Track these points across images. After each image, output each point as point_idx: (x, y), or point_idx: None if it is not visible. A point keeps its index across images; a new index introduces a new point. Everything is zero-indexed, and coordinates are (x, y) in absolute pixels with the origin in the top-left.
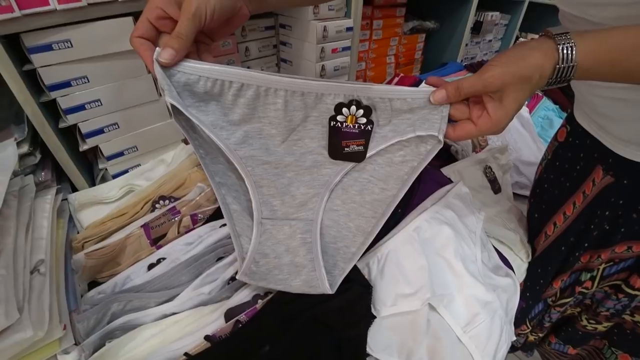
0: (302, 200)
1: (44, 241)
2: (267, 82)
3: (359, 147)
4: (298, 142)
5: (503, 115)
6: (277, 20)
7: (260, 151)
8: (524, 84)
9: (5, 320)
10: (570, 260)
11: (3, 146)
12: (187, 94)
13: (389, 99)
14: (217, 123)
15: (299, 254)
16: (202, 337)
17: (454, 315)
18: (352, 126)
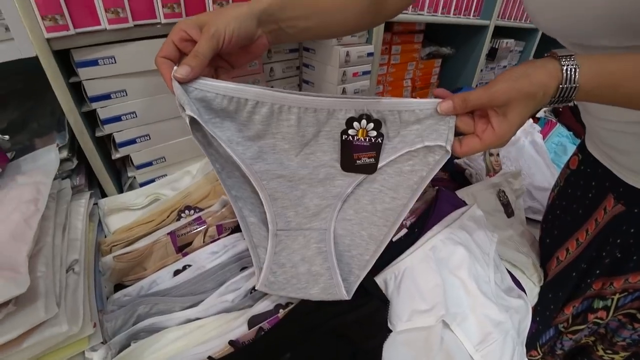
0: (315, 210)
1: (78, 242)
2: (281, 100)
3: (370, 160)
4: (311, 155)
5: (507, 129)
6: (302, 44)
7: (275, 165)
8: (529, 100)
9: (45, 314)
10: (582, 287)
11: (47, 151)
12: (204, 110)
13: (397, 111)
14: (233, 139)
15: (315, 262)
16: (226, 342)
17: (466, 334)
18: (363, 139)
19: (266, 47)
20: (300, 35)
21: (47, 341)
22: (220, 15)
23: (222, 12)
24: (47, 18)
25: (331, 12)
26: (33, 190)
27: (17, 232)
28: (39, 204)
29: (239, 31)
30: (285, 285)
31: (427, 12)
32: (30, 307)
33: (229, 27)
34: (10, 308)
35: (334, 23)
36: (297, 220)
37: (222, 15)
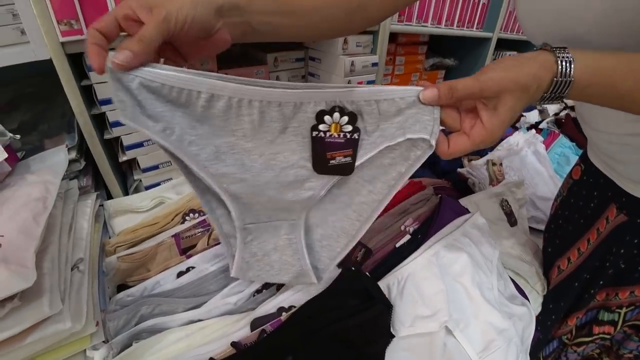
0: (286, 207)
1: (83, 241)
2: (240, 93)
3: (346, 159)
4: (277, 155)
5: (498, 125)
6: (308, 53)
7: (235, 168)
8: (522, 92)
9: (49, 310)
10: (586, 298)
11: (56, 151)
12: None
13: (375, 100)
14: (185, 137)
15: (286, 252)
16: (228, 344)
17: (469, 340)
18: (337, 135)
19: (227, 43)
20: (274, 33)
21: (49, 338)
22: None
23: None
24: (62, 22)
25: (308, 12)
26: (42, 189)
27: (25, 229)
28: (47, 203)
29: (194, 19)
30: (258, 272)
31: (430, 23)
32: (35, 302)
33: (181, 12)
34: (15, 302)
35: (311, 24)
36: (267, 214)
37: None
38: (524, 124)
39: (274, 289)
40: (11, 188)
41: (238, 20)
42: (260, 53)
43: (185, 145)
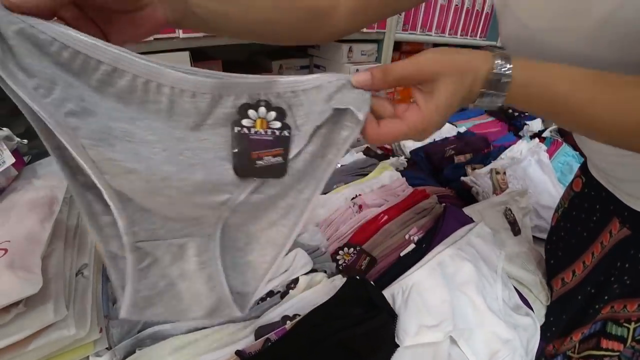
0: (193, 215)
1: (88, 246)
2: (149, 73)
3: (277, 159)
4: (186, 152)
5: (433, 109)
6: (312, 61)
7: (124, 155)
8: (459, 77)
9: (54, 316)
10: (590, 313)
11: None
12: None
13: (302, 90)
14: (66, 104)
15: (197, 280)
16: (232, 352)
17: (474, 351)
18: (264, 132)
19: (160, 23)
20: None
21: (53, 344)
22: None
23: None
24: None
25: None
26: (48, 193)
27: (31, 233)
28: (54, 207)
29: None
30: (161, 309)
31: (434, 32)
32: (39, 308)
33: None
34: (20, 308)
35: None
36: (167, 227)
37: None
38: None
39: (277, 297)
40: (18, 192)
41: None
42: (265, 60)
43: (63, 114)
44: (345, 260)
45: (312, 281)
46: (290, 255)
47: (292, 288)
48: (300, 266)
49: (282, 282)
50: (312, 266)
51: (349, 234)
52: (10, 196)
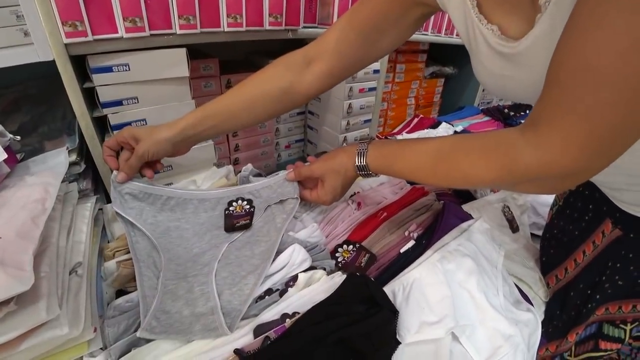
0: (201, 262)
1: (82, 245)
2: (184, 195)
3: (246, 221)
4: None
5: (323, 193)
6: None
7: (176, 239)
8: (335, 174)
9: (46, 315)
10: (584, 313)
11: (57, 153)
12: (130, 198)
13: (260, 189)
14: (148, 219)
15: (198, 304)
16: (230, 351)
17: (476, 347)
18: (240, 211)
19: (185, 152)
20: (214, 135)
21: (46, 344)
22: (148, 138)
23: (150, 133)
24: (67, 24)
25: (240, 116)
26: (41, 190)
27: (23, 230)
28: (47, 204)
29: (158, 153)
30: (167, 328)
31: (430, 32)
32: (31, 307)
33: (150, 150)
34: (11, 307)
35: (245, 121)
36: (184, 272)
37: (149, 138)
38: None
39: (276, 295)
40: (10, 189)
41: (189, 141)
42: (263, 59)
43: (147, 225)
44: (344, 258)
45: (311, 278)
46: (287, 251)
47: (291, 286)
48: (298, 262)
49: (281, 280)
50: (310, 263)
51: (347, 232)
52: (2, 193)
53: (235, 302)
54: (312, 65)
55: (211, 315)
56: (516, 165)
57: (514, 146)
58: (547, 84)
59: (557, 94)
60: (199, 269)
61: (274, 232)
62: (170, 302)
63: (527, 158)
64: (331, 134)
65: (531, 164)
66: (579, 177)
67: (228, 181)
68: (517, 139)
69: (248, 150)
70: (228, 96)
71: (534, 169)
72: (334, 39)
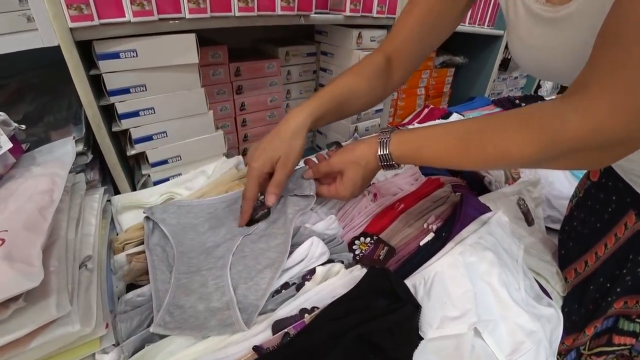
0: (215, 255)
1: (91, 238)
2: (208, 208)
3: (264, 211)
4: (219, 220)
5: (342, 188)
6: (319, 47)
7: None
8: (355, 166)
9: (57, 312)
10: (603, 306)
11: (63, 143)
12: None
13: None
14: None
15: (213, 299)
16: (247, 347)
17: (498, 343)
18: (257, 204)
19: None
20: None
21: (56, 341)
22: (285, 144)
23: (284, 138)
24: (72, 7)
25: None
26: (48, 181)
27: (30, 223)
28: (54, 196)
29: (303, 149)
30: (181, 324)
31: None
32: (41, 303)
33: (299, 153)
34: (20, 303)
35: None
36: (197, 265)
37: (287, 143)
38: None
39: (293, 289)
40: (16, 180)
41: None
42: (271, 47)
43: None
44: (362, 251)
45: (329, 272)
46: (305, 244)
47: (308, 279)
48: (316, 256)
49: (298, 273)
50: (328, 256)
51: (364, 224)
52: (8, 184)
53: (251, 296)
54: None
55: (227, 310)
56: (560, 135)
57: (556, 115)
58: (600, 43)
59: (612, 53)
60: (213, 262)
61: (287, 223)
62: (184, 296)
63: (574, 125)
64: (342, 124)
65: (578, 131)
66: (629, 145)
67: (238, 172)
68: (559, 107)
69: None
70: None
71: (581, 137)
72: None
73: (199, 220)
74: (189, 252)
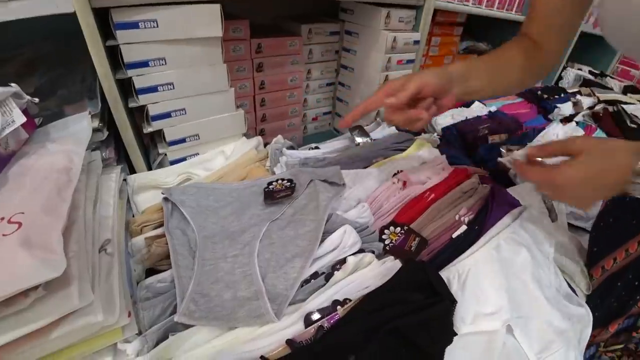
0: (241, 241)
1: (110, 220)
2: (223, 188)
3: (287, 193)
4: (242, 203)
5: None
6: (344, 26)
7: (211, 214)
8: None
9: (79, 301)
10: (630, 304)
11: (79, 118)
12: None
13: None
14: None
15: (240, 287)
16: (278, 340)
17: (528, 340)
18: (280, 187)
19: (451, 105)
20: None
21: (78, 332)
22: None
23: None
24: None
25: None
26: (65, 159)
27: (49, 205)
28: (72, 174)
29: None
30: (207, 313)
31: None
32: (62, 292)
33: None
34: (39, 292)
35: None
36: (223, 251)
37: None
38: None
39: (322, 279)
40: (30, 157)
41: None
42: (293, 24)
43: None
44: (392, 241)
45: (360, 262)
46: (338, 232)
47: (338, 269)
48: (349, 245)
49: (329, 263)
50: (360, 246)
51: (393, 212)
52: (22, 161)
53: (280, 286)
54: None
55: (255, 300)
56: None
57: None
58: None
59: None
60: (239, 248)
61: (319, 211)
62: (209, 284)
63: None
64: None
65: None
66: None
67: (258, 153)
68: None
69: (275, 121)
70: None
71: None
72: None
73: (220, 204)
74: (212, 237)
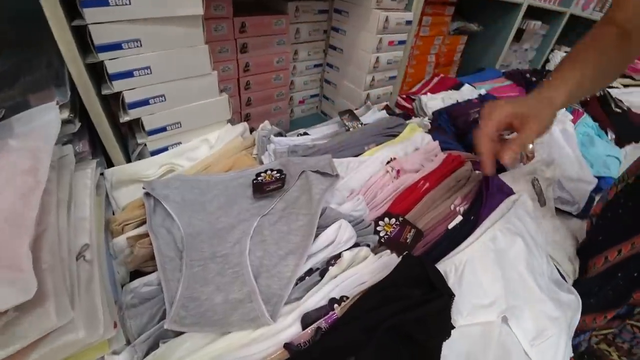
0: (230, 238)
1: (86, 222)
2: (215, 180)
3: (277, 185)
4: (229, 197)
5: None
6: (333, 4)
7: (197, 209)
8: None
9: (57, 320)
10: (627, 294)
11: (45, 109)
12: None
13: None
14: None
15: (232, 289)
16: (275, 343)
17: (522, 328)
18: (270, 179)
19: None
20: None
21: (60, 351)
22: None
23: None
24: None
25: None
26: (30, 157)
27: (12, 214)
28: (39, 176)
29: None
30: (199, 319)
31: None
32: (37, 310)
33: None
34: (10, 315)
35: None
36: (211, 250)
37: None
38: None
39: (316, 275)
40: None
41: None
42: (279, 1)
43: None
44: (387, 232)
45: (356, 257)
46: (333, 227)
47: (333, 264)
48: (344, 241)
49: (325, 258)
50: (355, 240)
51: (387, 201)
52: None
53: (274, 286)
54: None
55: (249, 302)
56: None
57: None
58: None
59: None
60: (228, 247)
61: (312, 204)
62: (199, 287)
63: None
64: (353, 91)
65: None
66: None
67: (244, 141)
68: None
69: (261, 105)
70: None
71: None
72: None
73: (206, 198)
74: (198, 235)
